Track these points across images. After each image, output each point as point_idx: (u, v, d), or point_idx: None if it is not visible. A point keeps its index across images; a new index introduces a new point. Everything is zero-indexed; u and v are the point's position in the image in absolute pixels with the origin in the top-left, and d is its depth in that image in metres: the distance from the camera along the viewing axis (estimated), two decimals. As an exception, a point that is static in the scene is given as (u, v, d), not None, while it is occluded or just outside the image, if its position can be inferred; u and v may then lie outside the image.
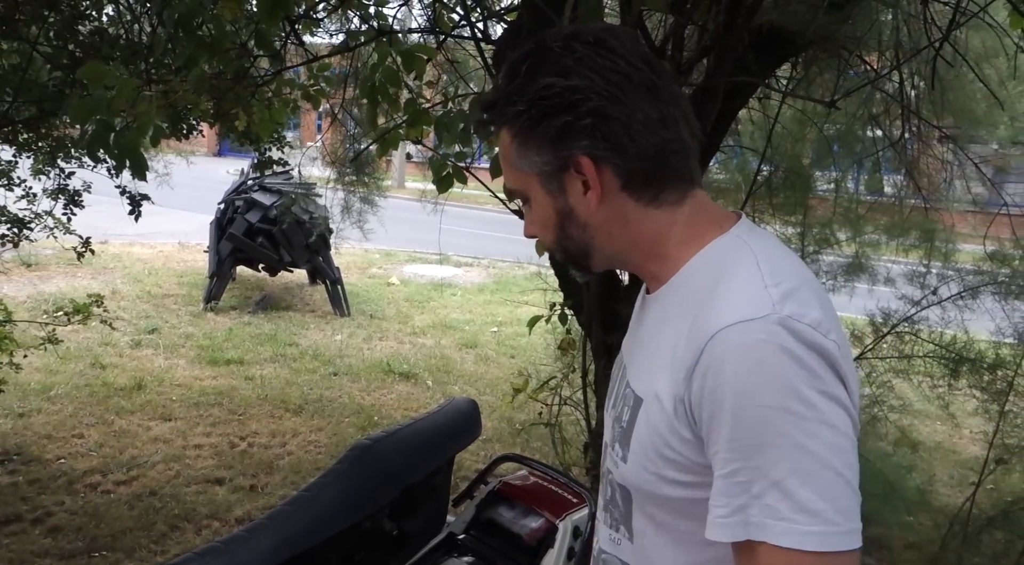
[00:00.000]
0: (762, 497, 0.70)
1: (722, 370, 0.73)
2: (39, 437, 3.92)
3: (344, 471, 1.65)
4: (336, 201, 4.82)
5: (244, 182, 7.44)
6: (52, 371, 4.86)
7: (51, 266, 8.08)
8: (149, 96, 1.98)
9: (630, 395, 0.86)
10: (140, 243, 9.66)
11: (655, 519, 0.85)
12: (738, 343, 0.73)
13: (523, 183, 0.88)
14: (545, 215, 0.88)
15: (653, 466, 0.81)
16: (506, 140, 0.86)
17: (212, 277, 7.07)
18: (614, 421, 0.90)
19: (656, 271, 0.88)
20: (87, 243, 3.89)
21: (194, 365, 5.34)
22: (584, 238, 0.87)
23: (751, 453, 0.71)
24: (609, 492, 0.92)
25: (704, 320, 0.76)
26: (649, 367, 0.85)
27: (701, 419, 0.75)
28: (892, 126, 3.63)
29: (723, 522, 0.73)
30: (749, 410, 0.71)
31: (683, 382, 0.76)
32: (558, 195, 0.85)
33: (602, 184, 0.83)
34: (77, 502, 3.30)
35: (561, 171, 0.84)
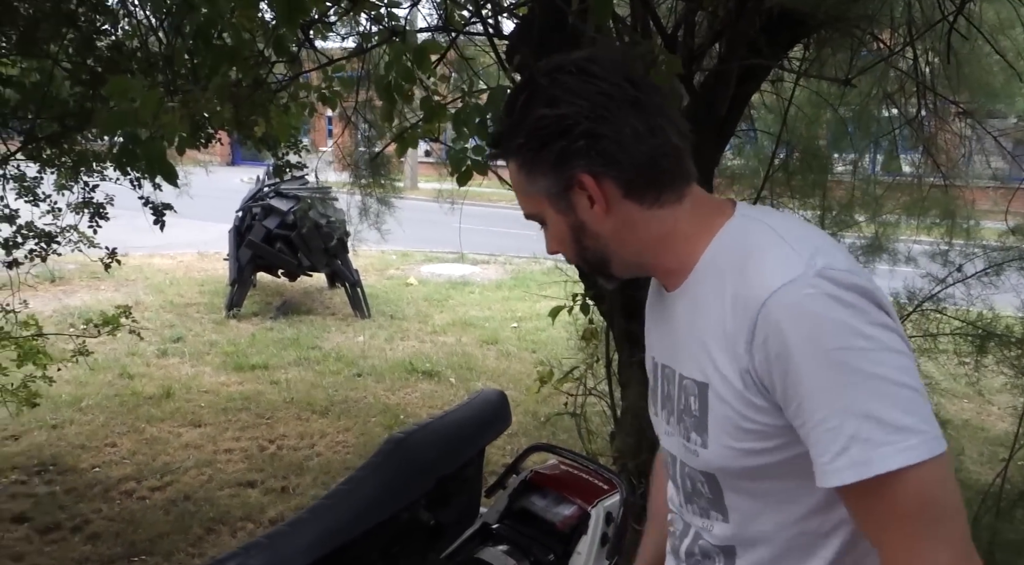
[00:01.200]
0: (857, 435, 0.76)
1: (781, 332, 0.78)
2: (73, 447, 3.99)
3: (380, 464, 1.68)
4: (353, 204, 4.86)
5: (261, 189, 7.51)
6: (82, 383, 4.94)
7: (75, 280, 8.20)
8: (172, 107, 2.01)
9: (691, 385, 0.91)
10: (160, 254, 9.77)
11: (749, 491, 0.90)
12: (788, 304, 0.78)
13: (537, 207, 0.95)
14: (561, 232, 0.95)
15: (735, 442, 0.86)
16: (515, 171, 0.94)
17: (233, 284, 7.15)
18: (680, 416, 0.94)
19: (673, 266, 0.94)
20: (113, 254, 3.95)
21: (220, 372, 5.41)
22: (599, 247, 0.94)
23: (833, 398, 0.76)
24: (689, 485, 0.97)
25: (747, 293, 0.82)
26: (700, 353, 0.89)
27: (773, 384, 0.81)
28: (908, 104, 3.61)
29: (829, 469, 0.77)
30: (817, 359, 0.77)
31: (744, 355, 0.82)
32: (568, 212, 0.92)
33: (605, 196, 0.90)
34: (114, 509, 3.36)
35: (566, 191, 0.91)
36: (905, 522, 0.77)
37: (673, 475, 1.02)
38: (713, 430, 0.88)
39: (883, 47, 3.14)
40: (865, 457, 0.75)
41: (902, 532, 0.78)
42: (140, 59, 3.11)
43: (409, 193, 12.16)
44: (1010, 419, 3.07)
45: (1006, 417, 4.22)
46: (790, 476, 0.85)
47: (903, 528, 0.77)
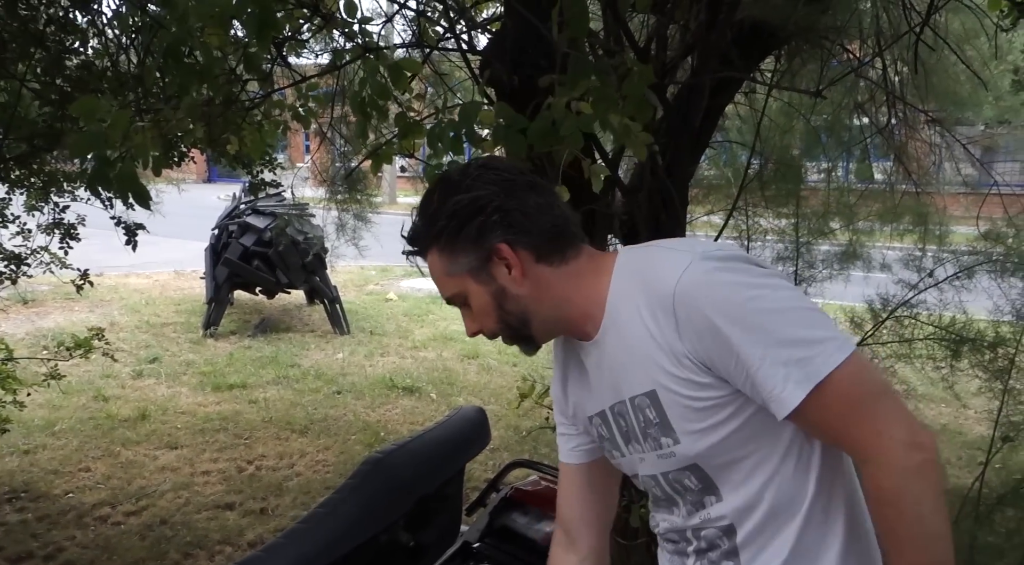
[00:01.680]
0: (789, 359, 0.90)
1: (696, 309, 0.93)
2: (46, 473, 3.91)
3: (357, 486, 1.65)
4: (330, 220, 4.83)
5: (237, 206, 7.45)
6: (55, 406, 4.85)
7: (48, 302, 8.07)
8: (142, 126, 1.99)
9: (642, 400, 1.03)
10: (136, 274, 9.66)
11: (729, 463, 1.01)
12: (691, 284, 0.94)
13: (458, 286, 1.06)
14: (483, 303, 1.06)
15: (697, 424, 0.98)
16: (436, 259, 1.06)
17: (210, 303, 7.07)
18: (644, 433, 1.05)
19: (589, 310, 1.07)
20: (85, 275, 3.89)
21: (197, 392, 5.33)
22: (520, 309, 1.06)
23: (758, 340, 0.90)
24: (679, 488, 1.07)
25: (658, 295, 0.96)
26: (639, 368, 1.01)
27: (710, 357, 0.94)
28: (878, 113, 3.66)
29: (783, 396, 0.90)
30: (732, 316, 0.91)
31: (677, 343, 0.95)
32: (490, 282, 1.05)
33: (521, 261, 1.04)
34: (88, 535, 3.29)
35: (486, 262, 1.04)
36: (855, 410, 0.90)
37: (663, 494, 1.11)
38: (676, 424, 1.00)
39: (852, 58, 3.19)
40: (803, 373, 0.89)
41: (858, 420, 0.90)
42: (111, 78, 3.08)
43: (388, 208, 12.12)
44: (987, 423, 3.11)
45: (983, 420, 4.27)
46: (756, 435, 0.98)
47: (857, 416, 0.90)
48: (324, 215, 4.80)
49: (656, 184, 2.53)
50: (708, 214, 3.76)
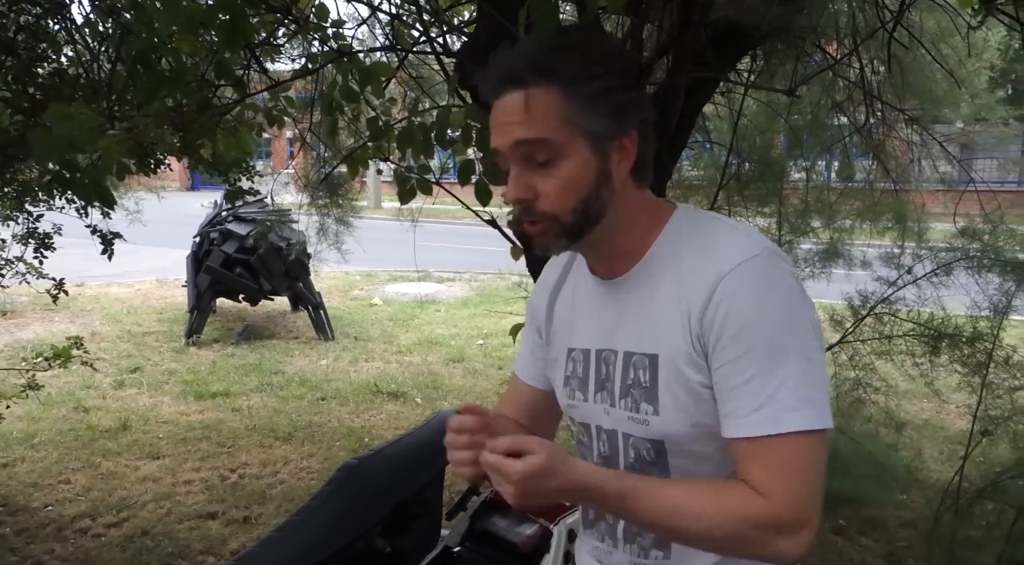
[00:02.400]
0: (775, 395, 0.89)
1: (737, 298, 0.90)
2: (24, 486, 3.86)
3: (333, 492, 1.64)
4: (312, 225, 4.81)
5: (218, 214, 7.40)
6: (35, 418, 4.79)
7: (27, 313, 7.98)
8: (113, 133, 1.97)
9: (640, 359, 0.99)
10: (117, 283, 9.57)
11: (691, 454, 0.98)
12: (746, 276, 0.90)
13: (562, 138, 0.92)
14: (582, 173, 0.94)
15: (685, 406, 0.95)
16: (555, 95, 0.91)
17: (192, 311, 7.02)
18: (625, 391, 1.01)
19: (628, 249, 1.01)
20: (61, 285, 3.84)
21: (179, 401, 5.29)
22: (607, 202, 0.96)
23: (765, 360, 0.89)
24: (632, 455, 1.03)
25: (709, 268, 0.92)
26: (651, 328, 0.98)
27: (710, 344, 0.92)
28: (856, 112, 3.68)
29: (744, 421, 0.90)
30: (761, 327, 0.89)
31: (697, 322, 0.92)
32: (603, 157, 0.94)
33: (633, 161, 0.96)
34: (68, 549, 3.24)
35: (612, 139, 0.94)
36: (791, 478, 0.89)
37: (609, 452, 1.07)
38: (663, 397, 0.96)
39: (829, 57, 3.21)
40: (776, 416, 0.89)
41: (786, 486, 0.89)
42: (84, 86, 3.05)
43: (372, 212, 12.09)
44: (967, 417, 3.13)
45: (963, 415, 4.29)
46: (726, 445, 0.95)
47: (790, 482, 0.89)
48: (307, 221, 4.78)
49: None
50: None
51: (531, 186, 0.94)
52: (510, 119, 0.93)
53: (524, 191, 0.95)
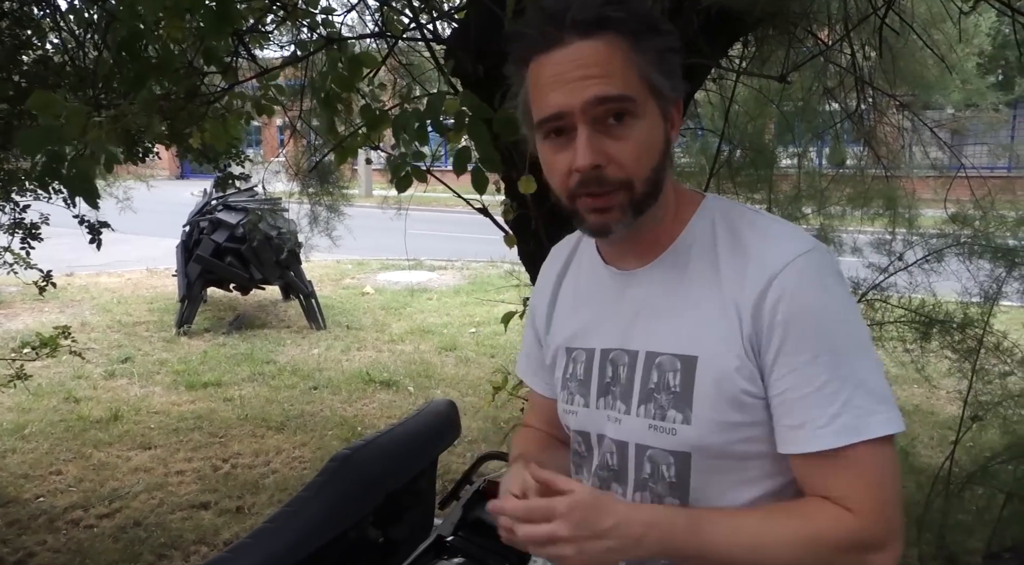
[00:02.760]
0: (850, 401, 0.80)
1: (799, 297, 0.81)
2: (15, 477, 3.84)
3: (325, 483, 1.63)
4: (303, 213, 4.78)
5: (208, 202, 7.35)
6: (25, 409, 4.76)
7: (16, 303, 7.92)
8: (99, 122, 1.94)
9: (669, 361, 0.88)
10: (107, 273, 9.51)
11: (717, 470, 0.88)
12: (805, 272, 0.82)
13: (641, 94, 0.83)
14: (656, 137, 0.85)
15: (722, 415, 0.85)
16: (627, 45, 0.82)
17: (183, 301, 6.98)
18: (647, 396, 0.90)
19: (654, 237, 0.92)
20: (48, 276, 3.82)
21: (170, 391, 5.27)
22: (666, 176, 0.88)
23: (836, 365, 0.81)
24: (648, 470, 0.91)
25: (760, 262, 0.84)
26: (686, 325, 0.88)
27: (768, 347, 0.83)
28: (848, 98, 3.67)
29: (821, 432, 0.81)
30: (824, 325, 0.81)
31: (750, 320, 0.83)
32: (666, 122, 0.87)
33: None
34: (60, 540, 3.23)
35: (671, 102, 0.87)
36: (876, 489, 0.82)
37: (618, 466, 0.94)
38: (699, 404, 0.85)
39: (820, 43, 3.20)
40: (856, 423, 0.80)
41: (873, 498, 0.81)
42: (70, 74, 3.02)
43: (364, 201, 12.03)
44: (957, 403, 3.15)
45: (954, 400, 4.32)
46: (757, 456, 0.87)
47: (876, 494, 0.82)
48: (298, 209, 4.76)
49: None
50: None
51: (602, 150, 0.82)
52: (583, 73, 0.81)
53: (598, 155, 0.82)
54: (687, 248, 0.90)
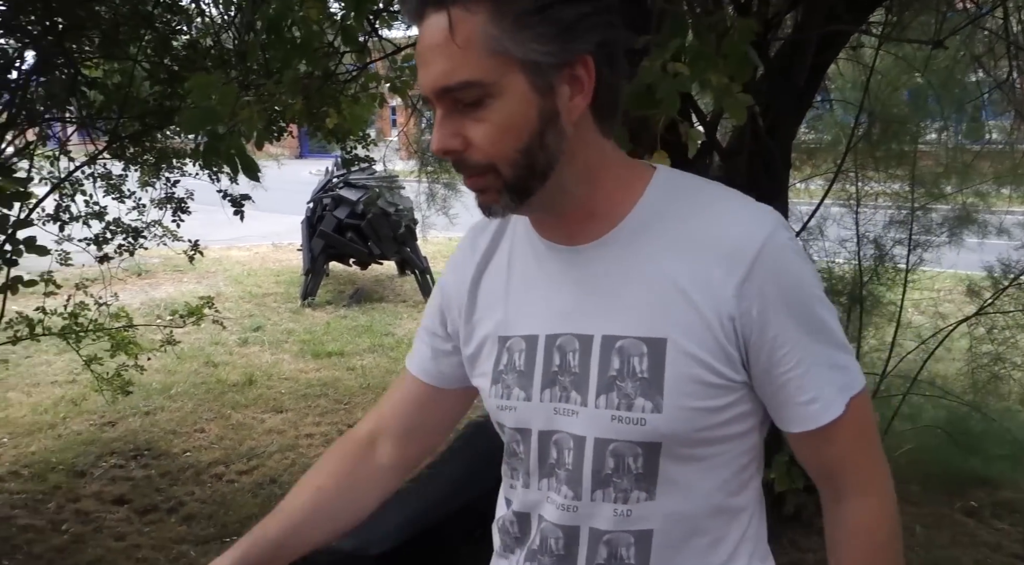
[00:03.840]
0: (838, 361, 0.81)
1: (777, 277, 0.78)
2: (165, 433, 4.17)
3: (460, 449, 1.69)
4: (420, 191, 4.91)
5: (330, 180, 7.66)
6: (171, 371, 5.15)
7: (159, 273, 8.54)
8: (248, 102, 2.06)
9: (633, 344, 0.80)
10: (237, 246, 10.09)
11: (687, 459, 0.82)
12: (780, 250, 0.78)
13: (490, 74, 0.73)
14: (520, 116, 0.74)
15: (696, 400, 0.79)
16: (478, 19, 0.72)
17: (307, 274, 7.33)
18: (608, 384, 0.81)
19: (600, 211, 0.82)
20: (196, 246, 4.10)
21: (298, 359, 5.56)
22: (556, 152, 0.77)
23: (821, 337, 0.80)
24: (611, 464, 0.82)
25: (731, 242, 0.79)
26: (648, 309, 0.80)
27: (759, 329, 0.79)
28: (997, 66, 3.41)
29: (831, 403, 0.81)
30: (800, 301, 0.79)
31: (732, 299, 0.77)
32: (546, 94, 0.75)
33: (588, 94, 0.76)
34: (205, 491, 3.50)
35: (558, 69, 0.74)
36: (866, 437, 0.84)
37: (572, 465, 0.84)
38: (670, 390, 0.78)
39: (971, 7, 2.97)
40: (843, 382, 0.81)
41: (867, 448, 0.84)
42: (214, 56, 3.20)
43: (474, 179, 12.18)
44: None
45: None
46: (725, 440, 0.83)
47: (866, 444, 0.84)
48: (416, 187, 4.89)
49: (756, 146, 2.44)
50: (806, 180, 3.62)
51: (459, 133, 0.75)
52: (429, 55, 0.74)
53: (450, 140, 0.76)
54: (643, 223, 0.82)
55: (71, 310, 3.65)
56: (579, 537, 0.84)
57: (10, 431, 4.11)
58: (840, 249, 3.17)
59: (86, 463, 3.73)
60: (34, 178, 3.33)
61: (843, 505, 0.85)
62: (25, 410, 4.41)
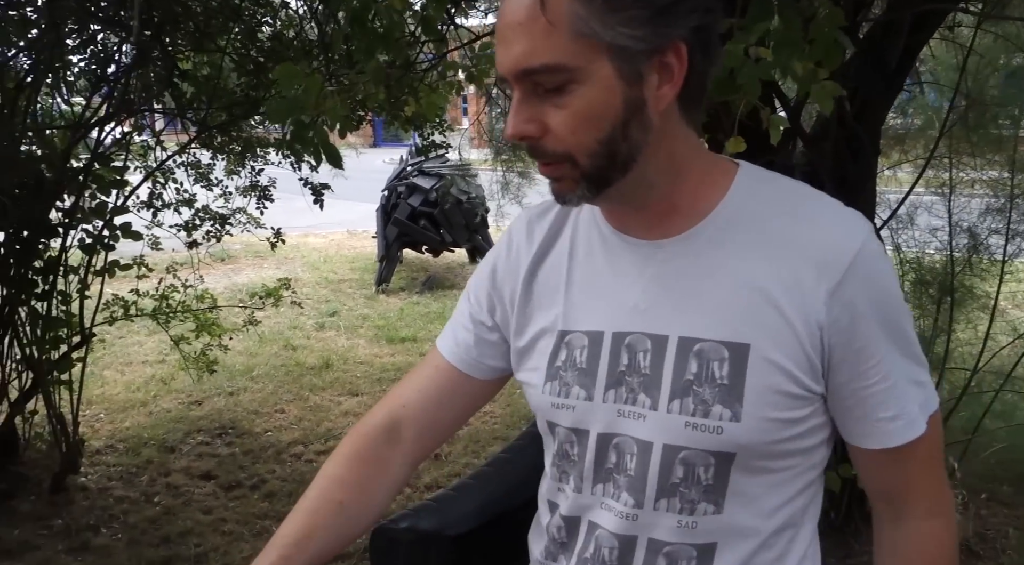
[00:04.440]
0: (918, 382, 0.79)
1: (876, 285, 0.76)
2: (247, 413, 4.33)
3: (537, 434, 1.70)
4: (494, 180, 4.95)
5: (404, 168, 7.78)
6: (252, 353, 5.34)
7: (241, 259, 8.86)
8: (333, 91, 2.11)
9: (713, 348, 0.76)
10: (313, 234, 10.36)
11: (760, 470, 0.79)
12: (876, 257, 0.76)
13: (578, 58, 0.69)
14: (604, 105, 0.71)
15: (776, 411, 0.76)
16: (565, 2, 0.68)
17: (381, 261, 7.48)
18: (686, 389, 0.78)
19: (682, 205, 0.79)
20: (278, 233, 4.23)
21: (373, 344, 5.68)
22: (640, 143, 0.73)
23: (905, 351, 0.78)
24: (680, 473, 0.79)
25: (824, 248, 0.75)
26: (734, 311, 0.76)
27: (838, 339, 0.76)
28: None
29: (914, 420, 0.79)
30: (890, 312, 0.77)
31: (822, 308, 0.74)
32: (633, 83, 0.70)
33: (679, 82, 0.72)
34: (286, 470, 3.62)
35: (648, 55, 0.70)
36: (936, 456, 0.83)
37: (636, 471, 0.81)
38: (751, 398, 0.75)
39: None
40: (925, 398, 0.79)
41: (937, 467, 0.83)
42: (296, 47, 3.29)
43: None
44: None
45: None
46: (797, 453, 0.80)
47: (936, 463, 0.83)
48: (490, 176, 4.92)
49: (843, 132, 2.36)
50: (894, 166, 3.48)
51: (537, 118, 0.72)
52: (511, 34, 0.70)
53: (526, 125, 0.72)
54: (729, 220, 0.78)
55: (161, 293, 3.83)
56: (636, 547, 0.81)
57: (106, 407, 4.34)
58: (931, 238, 3.04)
59: (175, 439, 3.91)
60: (129, 167, 3.49)
61: (904, 525, 0.83)
62: (119, 387, 4.66)
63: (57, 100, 3.29)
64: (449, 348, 0.97)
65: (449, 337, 0.98)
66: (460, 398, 0.98)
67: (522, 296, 0.90)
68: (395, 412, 1.00)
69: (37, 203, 2.87)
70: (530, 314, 0.89)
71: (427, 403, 0.98)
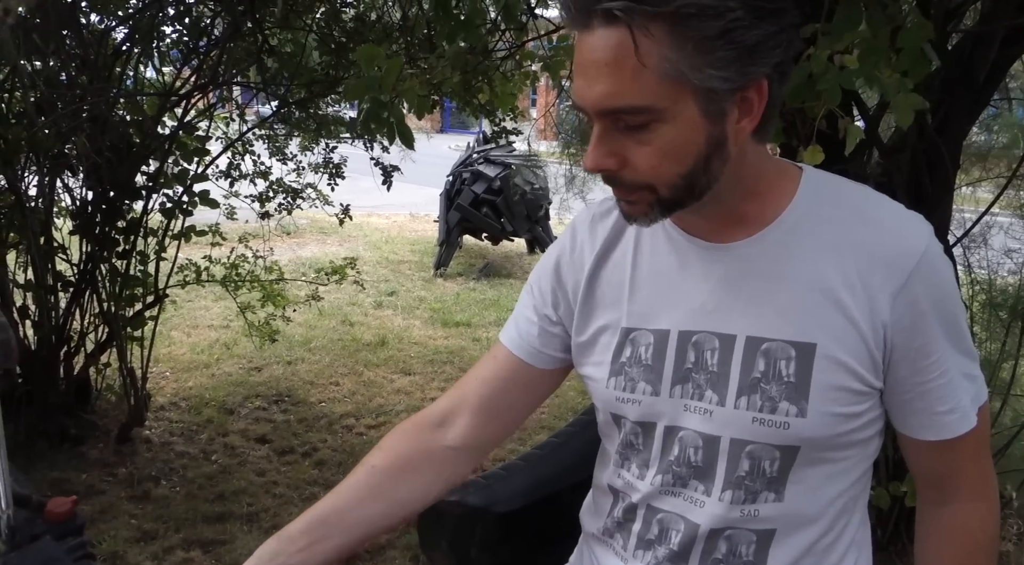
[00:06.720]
0: (969, 376, 0.83)
1: (938, 285, 0.79)
2: (304, 383, 4.47)
3: (589, 422, 1.73)
4: (560, 172, 4.96)
5: (470, 155, 7.85)
6: (311, 326, 5.49)
7: (306, 234, 9.08)
8: (412, 73, 2.16)
9: (781, 348, 0.80)
10: (377, 214, 10.54)
11: (821, 461, 0.83)
12: (938, 258, 0.79)
13: (665, 100, 0.70)
14: (687, 142, 0.72)
15: (840, 407, 0.80)
16: (658, 38, 0.68)
17: (441, 245, 7.57)
18: (753, 386, 0.81)
19: (751, 213, 0.82)
20: (347, 211, 4.35)
21: (427, 326, 5.78)
22: (719, 174, 0.76)
23: (960, 347, 0.82)
24: (746, 466, 0.83)
25: (890, 249, 0.79)
26: (800, 311, 0.80)
27: (909, 337, 0.79)
28: None
29: (968, 413, 0.83)
30: (949, 310, 0.80)
31: (887, 308, 0.78)
32: (716, 120, 0.72)
33: (756, 117, 0.75)
34: (337, 440, 3.73)
35: (732, 93, 0.71)
36: (984, 446, 0.87)
37: (703, 463, 0.85)
38: (816, 394, 0.79)
39: None
40: (976, 392, 0.83)
41: (984, 456, 0.87)
42: (378, 30, 3.36)
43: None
44: None
45: None
46: (855, 444, 0.84)
47: (984, 452, 0.87)
48: (556, 168, 4.94)
49: (922, 145, 2.31)
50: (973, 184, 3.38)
51: (617, 153, 0.74)
52: (596, 71, 0.70)
53: (606, 160, 0.74)
54: (795, 224, 0.81)
55: (233, 261, 3.97)
56: (698, 532, 0.86)
57: (172, 366, 4.53)
58: (1005, 259, 2.95)
59: (234, 402, 4.06)
60: (211, 137, 3.63)
61: (949, 507, 0.88)
62: (185, 348, 4.85)
63: (150, 69, 3.45)
64: (512, 339, 0.99)
65: (512, 329, 1.00)
66: (522, 387, 1.00)
67: (585, 292, 0.92)
68: (452, 400, 1.03)
69: (124, 166, 3.02)
70: (592, 310, 0.92)
71: (486, 389, 1.00)
